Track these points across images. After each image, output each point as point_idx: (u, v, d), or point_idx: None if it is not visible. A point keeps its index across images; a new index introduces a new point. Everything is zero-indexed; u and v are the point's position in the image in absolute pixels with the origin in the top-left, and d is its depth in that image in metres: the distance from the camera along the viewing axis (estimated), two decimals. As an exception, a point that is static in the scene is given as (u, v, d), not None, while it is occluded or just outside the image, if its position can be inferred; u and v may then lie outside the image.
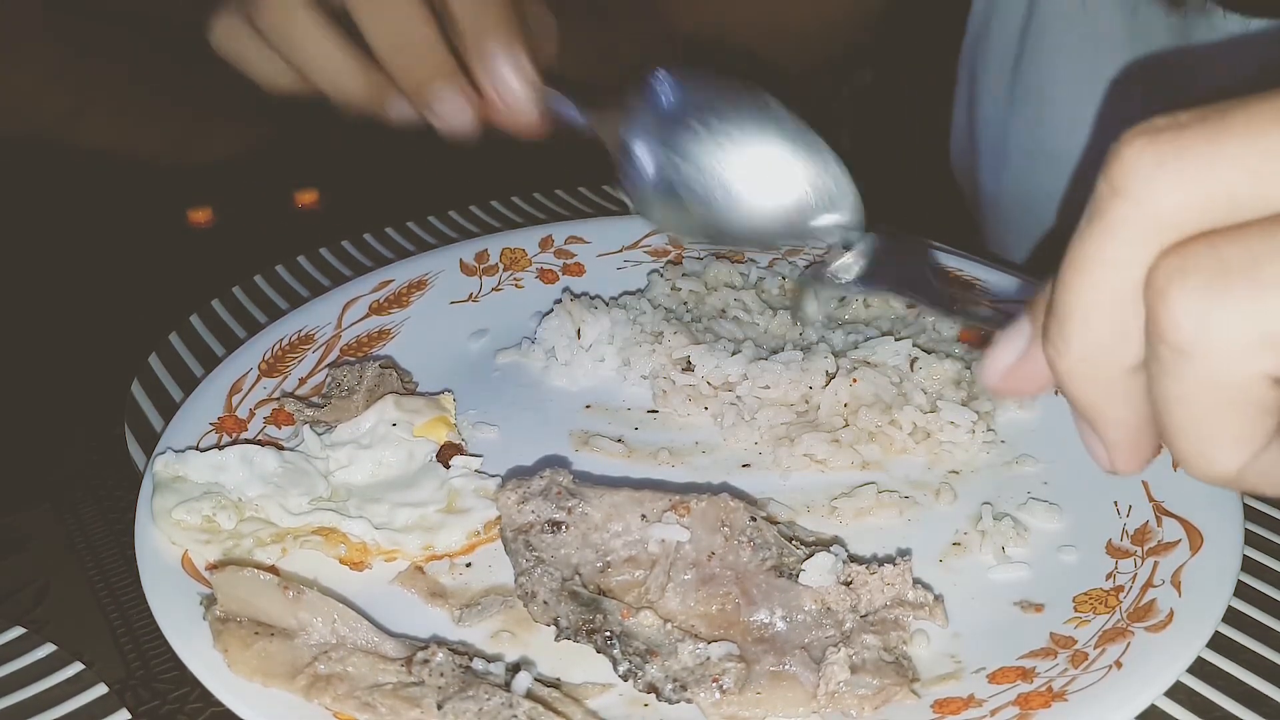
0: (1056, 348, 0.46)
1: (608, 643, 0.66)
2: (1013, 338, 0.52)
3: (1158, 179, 0.41)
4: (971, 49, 1.31)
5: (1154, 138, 0.42)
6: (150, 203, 1.38)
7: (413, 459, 0.83)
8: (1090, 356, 0.45)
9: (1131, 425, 0.47)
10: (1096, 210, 0.43)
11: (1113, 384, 0.46)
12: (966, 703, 0.63)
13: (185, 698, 0.69)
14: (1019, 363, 0.52)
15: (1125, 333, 0.44)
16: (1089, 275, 0.44)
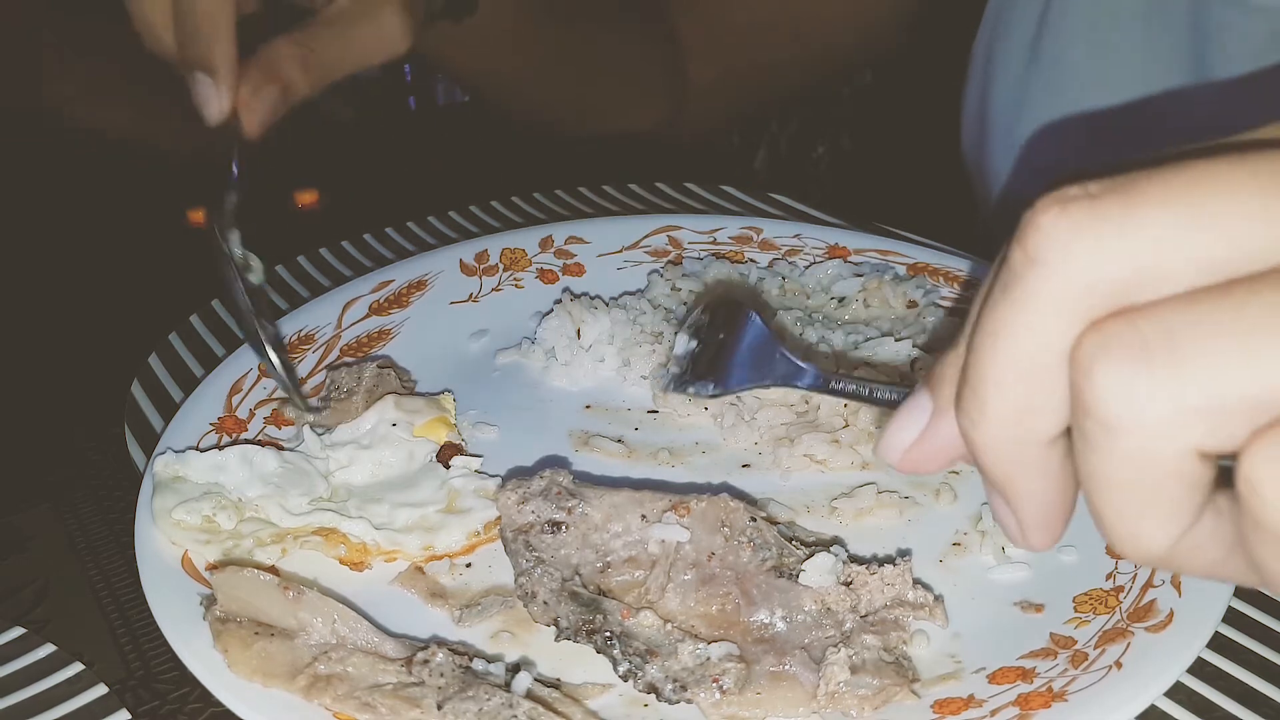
0: (971, 418, 0.45)
1: (608, 643, 0.66)
2: (912, 412, 0.50)
3: (1074, 248, 0.41)
4: (989, 33, 1.32)
5: (1066, 207, 0.41)
6: (150, 203, 1.38)
7: (413, 459, 0.83)
8: (1007, 427, 0.44)
9: (1047, 499, 0.46)
10: (1012, 277, 0.43)
11: (1029, 456, 0.45)
12: (966, 703, 0.63)
13: (185, 698, 0.69)
14: (920, 439, 0.50)
15: (1043, 403, 0.43)
16: (1005, 343, 0.43)
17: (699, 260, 1.05)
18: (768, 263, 1.06)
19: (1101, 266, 0.41)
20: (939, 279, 1.02)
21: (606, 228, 1.11)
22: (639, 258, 1.08)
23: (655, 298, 0.99)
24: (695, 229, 1.11)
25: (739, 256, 1.07)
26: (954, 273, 1.03)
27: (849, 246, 1.07)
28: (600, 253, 1.09)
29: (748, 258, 1.07)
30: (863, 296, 0.98)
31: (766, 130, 2.49)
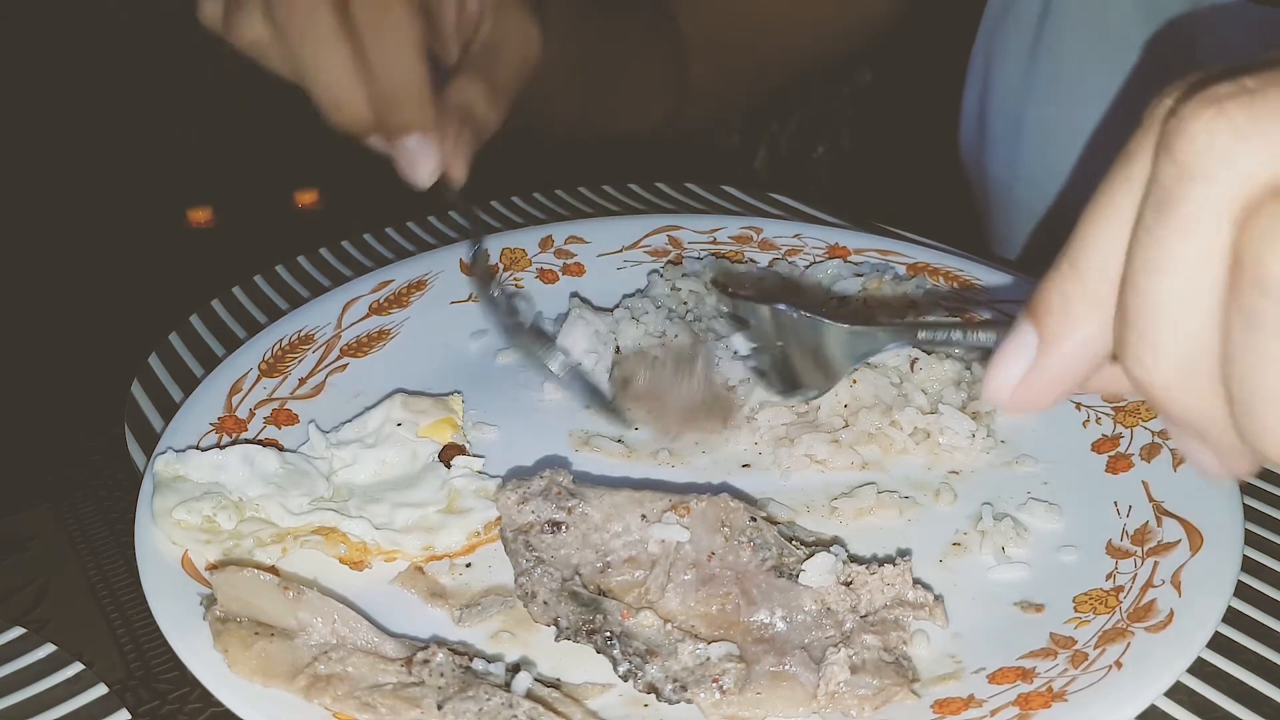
0: (1144, 363, 0.42)
1: (608, 643, 0.66)
2: (1017, 347, 0.47)
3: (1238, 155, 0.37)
4: (988, 34, 1.32)
5: (1222, 107, 0.38)
6: (150, 203, 1.39)
7: (416, 459, 0.83)
8: (1189, 365, 0.41)
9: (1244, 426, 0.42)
10: (1166, 196, 0.39)
11: (1217, 386, 0.41)
12: (966, 703, 0.63)
13: (185, 698, 0.69)
14: (1029, 375, 0.47)
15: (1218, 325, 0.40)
16: (1175, 277, 0.40)
17: (699, 260, 1.05)
18: (768, 263, 1.06)
19: (1273, 164, 0.37)
20: (939, 279, 1.02)
21: (606, 228, 1.11)
22: (639, 258, 1.08)
23: (656, 297, 0.99)
24: (695, 229, 1.11)
25: (739, 256, 1.07)
26: (954, 273, 1.03)
27: (849, 246, 1.07)
28: (600, 253, 1.09)
29: (748, 258, 1.07)
30: (863, 296, 0.98)
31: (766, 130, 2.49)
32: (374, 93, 0.79)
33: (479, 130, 0.84)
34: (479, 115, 0.83)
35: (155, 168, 1.53)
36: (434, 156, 0.81)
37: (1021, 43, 1.26)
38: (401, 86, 0.79)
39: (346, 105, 0.80)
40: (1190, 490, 0.76)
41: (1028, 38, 1.25)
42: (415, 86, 0.79)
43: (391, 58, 0.78)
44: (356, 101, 0.79)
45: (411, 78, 0.79)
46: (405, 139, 0.81)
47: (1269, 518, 0.79)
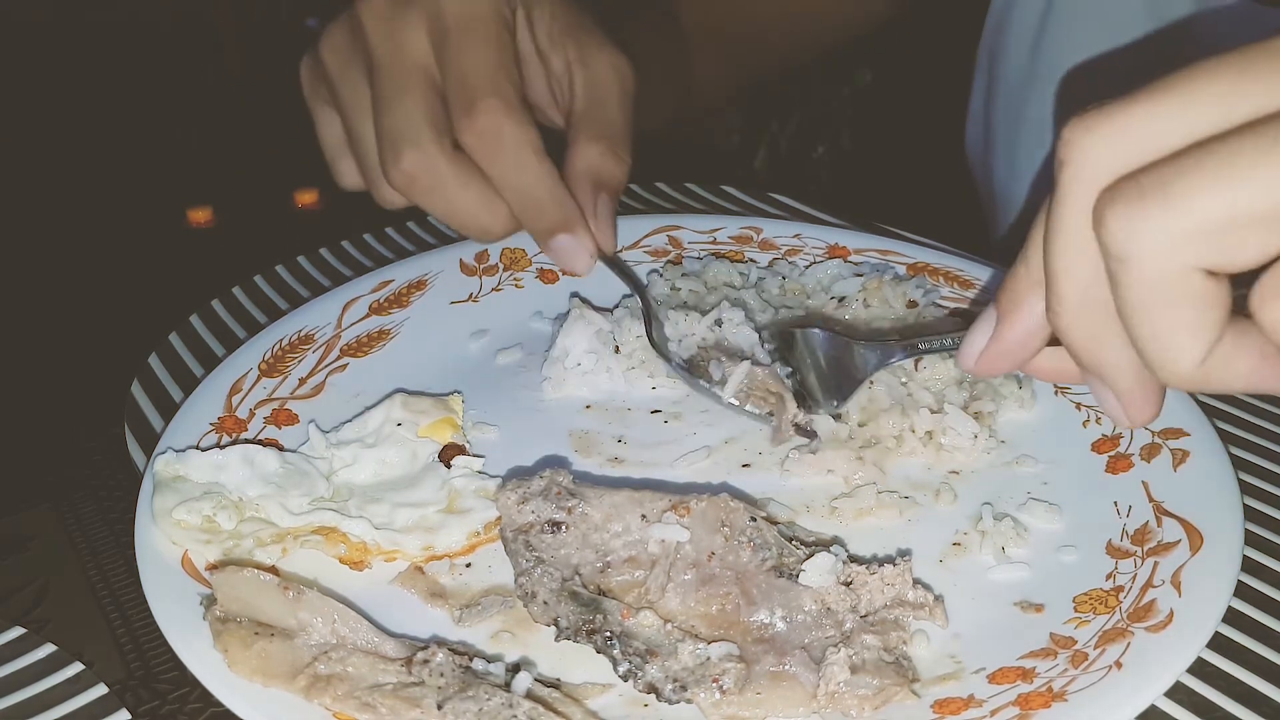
0: (1054, 310, 0.54)
1: (608, 643, 0.66)
2: (982, 323, 0.61)
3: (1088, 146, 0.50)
4: (993, 34, 1.32)
5: (1083, 118, 0.51)
6: (150, 203, 1.39)
7: (416, 459, 0.83)
8: (1080, 301, 0.53)
9: (1133, 368, 0.54)
10: (1054, 184, 0.52)
11: (1106, 324, 0.53)
12: (966, 703, 0.63)
13: (185, 698, 0.69)
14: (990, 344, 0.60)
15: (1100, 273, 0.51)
16: (1059, 236, 0.52)
17: (699, 260, 1.05)
18: (768, 263, 1.06)
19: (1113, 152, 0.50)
20: (939, 279, 1.02)
21: (606, 228, 1.11)
22: (639, 258, 1.08)
23: (656, 297, 0.99)
24: (695, 229, 1.11)
25: (739, 256, 1.07)
26: (954, 272, 1.03)
27: (849, 246, 1.07)
28: (600, 253, 1.09)
29: (748, 258, 1.07)
30: (863, 296, 0.98)
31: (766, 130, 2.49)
32: (514, 208, 0.81)
33: (614, 189, 0.84)
34: (608, 176, 0.83)
35: (155, 168, 1.53)
36: (587, 246, 0.83)
37: (1024, 40, 1.26)
38: (537, 195, 0.80)
39: (492, 229, 0.82)
40: (1190, 490, 0.76)
41: (1030, 35, 1.25)
42: (549, 190, 0.80)
43: (519, 174, 0.79)
44: (499, 224, 0.82)
45: (543, 184, 0.80)
46: (555, 240, 0.83)
47: (1269, 518, 0.79)
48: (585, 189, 0.83)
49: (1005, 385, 0.89)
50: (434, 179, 0.80)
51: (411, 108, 0.79)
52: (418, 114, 0.79)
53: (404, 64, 0.80)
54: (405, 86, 0.80)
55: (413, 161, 0.79)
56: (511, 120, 0.78)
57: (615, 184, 0.84)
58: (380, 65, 0.81)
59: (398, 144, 0.79)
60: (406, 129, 0.79)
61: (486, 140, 0.78)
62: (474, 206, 0.81)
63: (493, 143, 0.79)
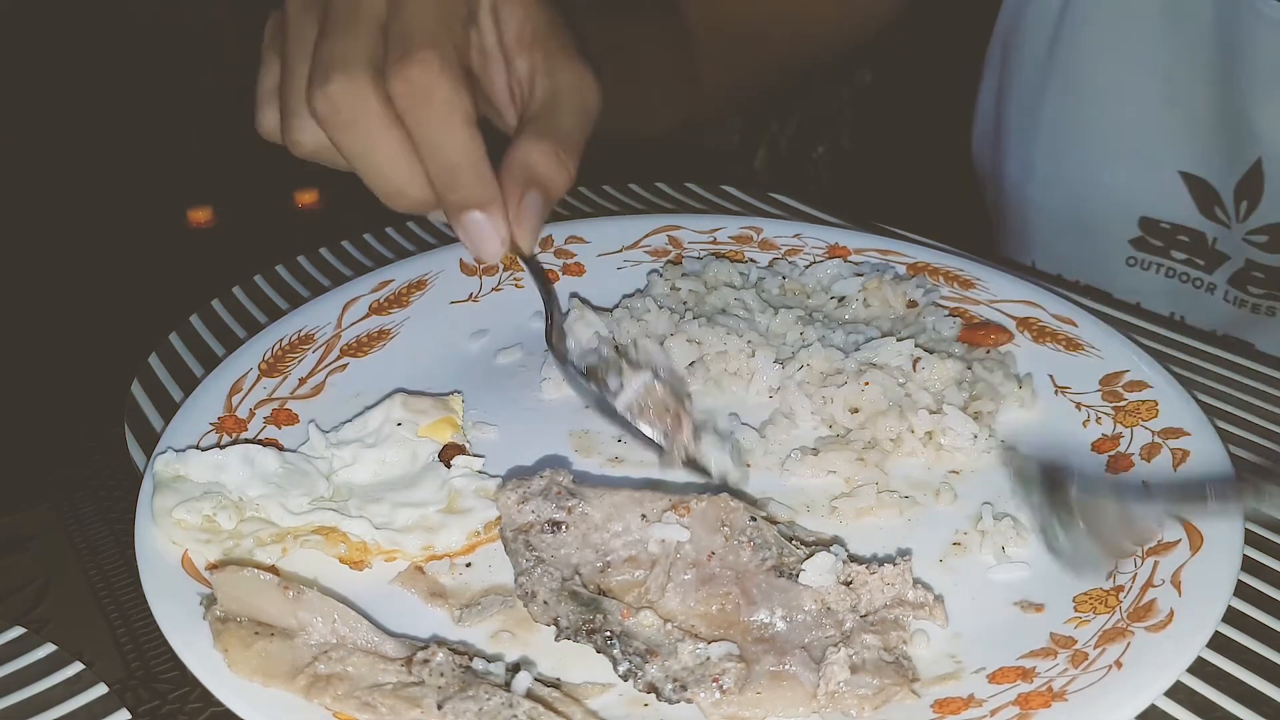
0: None
1: (608, 643, 0.66)
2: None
3: None
4: (1005, 33, 1.32)
5: None
6: (150, 203, 1.39)
7: (416, 459, 0.83)
8: None
9: None
10: None
11: None
12: (966, 703, 0.63)
13: (185, 698, 0.69)
14: None
15: None
16: None
17: (699, 260, 1.05)
18: (768, 263, 1.06)
19: None
20: (939, 279, 1.02)
21: (606, 228, 1.11)
22: (639, 257, 1.08)
23: (656, 297, 0.99)
24: (695, 229, 1.11)
25: (739, 256, 1.07)
26: (954, 272, 1.03)
27: (849, 246, 1.07)
28: (600, 252, 1.09)
29: (748, 258, 1.07)
30: (863, 296, 0.98)
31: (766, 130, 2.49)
32: (431, 173, 0.77)
33: (547, 192, 0.80)
34: (544, 177, 0.80)
35: (155, 168, 1.53)
36: (499, 230, 0.79)
37: (1040, 39, 1.25)
38: (457, 164, 0.77)
39: (405, 191, 0.78)
40: (1190, 490, 0.76)
41: (1047, 34, 1.24)
42: (471, 162, 0.77)
43: (443, 137, 0.76)
44: (414, 186, 0.78)
45: (466, 154, 0.77)
46: (468, 216, 0.78)
47: (1269, 517, 0.79)
48: (515, 178, 0.79)
49: (1005, 385, 0.89)
50: (357, 113, 0.75)
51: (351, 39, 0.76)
52: (356, 45, 0.76)
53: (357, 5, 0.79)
54: (350, 21, 0.77)
55: (340, 87, 0.75)
56: (446, 79, 0.75)
57: (551, 186, 0.81)
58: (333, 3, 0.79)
59: (329, 69, 0.75)
60: (341, 57, 0.76)
61: (415, 92, 0.75)
62: (392, 157, 0.77)
63: (422, 97, 0.75)
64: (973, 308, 0.99)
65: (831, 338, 0.93)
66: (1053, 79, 1.24)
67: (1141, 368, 0.88)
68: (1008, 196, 1.36)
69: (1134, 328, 0.99)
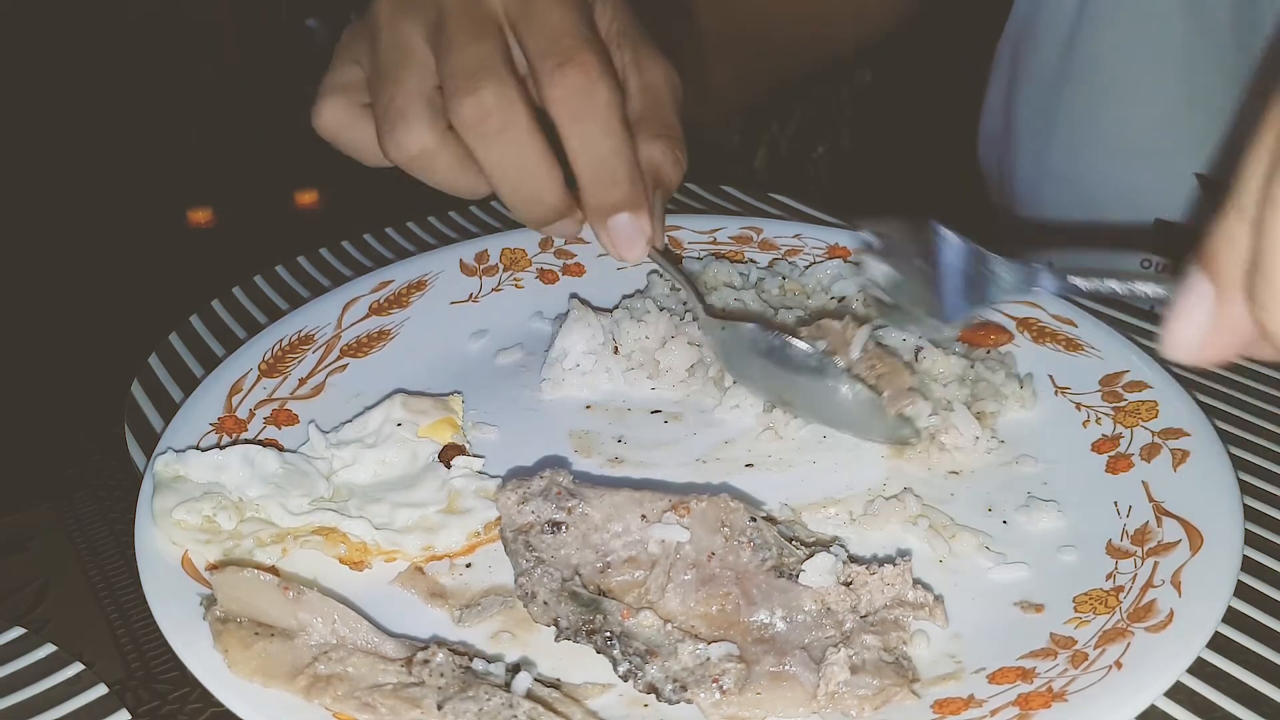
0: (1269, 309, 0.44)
1: (608, 643, 0.66)
2: (1196, 301, 0.49)
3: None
4: (1017, 31, 1.31)
5: None
6: (150, 203, 1.39)
7: (416, 459, 0.83)
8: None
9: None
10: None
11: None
12: (966, 703, 0.63)
13: (185, 698, 0.69)
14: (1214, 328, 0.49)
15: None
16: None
17: (698, 260, 1.05)
18: (768, 263, 1.06)
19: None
20: (939, 279, 1.02)
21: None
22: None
23: (656, 298, 0.99)
24: (695, 229, 1.11)
25: (739, 256, 1.07)
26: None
27: (849, 246, 1.07)
28: (600, 253, 1.08)
29: (748, 258, 1.07)
30: (862, 296, 0.98)
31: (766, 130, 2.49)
32: (585, 176, 0.76)
33: (668, 189, 0.80)
34: (666, 174, 0.80)
35: (155, 168, 1.53)
36: (645, 230, 0.79)
37: (1055, 38, 1.25)
38: (615, 166, 0.76)
39: (543, 198, 0.77)
40: (1190, 490, 0.76)
41: (1063, 33, 1.24)
42: (628, 163, 0.76)
43: (602, 139, 0.75)
44: (553, 193, 0.77)
45: (623, 156, 0.76)
46: (615, 218, 0.78)
47: (1269, 518, 0.79)
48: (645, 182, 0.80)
49: (1007, 385, 0.89)
50: (508, 119, 0.74)
51: (486, 46, 0.75)
52: (494, 52, 0.75)
53: (479, 10, 0.77)
54: (479, 28, 0.76)
55: (493, 94, 0.73)
56: (605, 81, 0.74)
57: (670, 184, 0.81)
58: (451, 12, 0.77)
59: (477, 77, 0.74)
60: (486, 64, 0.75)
61: (576, 97, 0.74)
62: (536, 163, 0.76)
63: (582, 101, 0.74)
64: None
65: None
66: (1069, 79, 1.24)
67: (1141, 368, 0.88)
68: (1018, 197, 1.36)
69: (1135, 329, 0.99)
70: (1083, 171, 1.25)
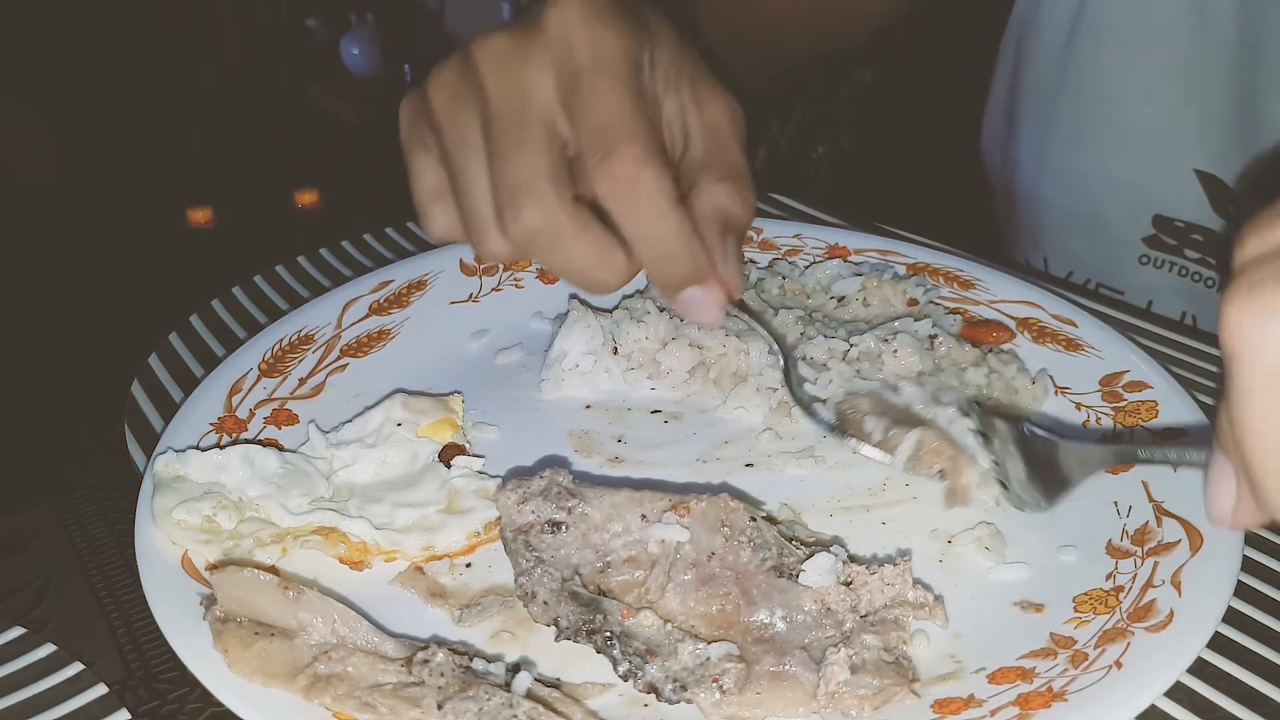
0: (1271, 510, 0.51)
1: (608, 643, 0.66)
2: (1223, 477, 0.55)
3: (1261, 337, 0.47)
4: (1019, 28, 1.31)
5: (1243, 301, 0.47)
6: (150, 203, 1.39)
7: (416, 459, 0.83)
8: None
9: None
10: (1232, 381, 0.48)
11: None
12: (966, 703, 0.63)
13: (185, 698, 0.69)
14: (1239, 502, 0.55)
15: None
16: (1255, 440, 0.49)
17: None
18: (768, 263, 1.06)
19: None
20: (939, 279, 1.02)
21: (606, 228, 1.11)
22: (639, 258, 1.08)
23: (656, 298, 0.99)
24: (695, 229, 1.11)
25: (739, 256, 1.07)
26: (954, 273, 1.03)
27: (849, 246, 1.07)
28: (600, 253, 1.08)
29: (748, 258, 1.07)
30: (863, 296, 0.98)
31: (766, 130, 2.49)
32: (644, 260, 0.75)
33: (740, 230, 0.79)
34: (736, 218, 0.78)
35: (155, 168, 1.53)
36: (718, 296, 0.77)
37: (1057, 33, 1.25)
38: (671, 250, 0.75)
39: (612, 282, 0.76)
40: (1190, 490, 0.76)
41: (1064, 28, 1.24)
42: (685, 243, 0.75)
43: (653, 226, 0.74)
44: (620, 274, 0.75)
45: (678, 237, 0.74)
46: (686, 294, 0.76)
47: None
48: (714, 232, 0.78)
49: (1019, 379, 0.89)
50: (555, 235, 0.76)
51: (534, 159, 0.75)
52: (540, 166, 0.75)
53: (525, 112, 0.76)
54: (527, 137, 0.75)
55: (534, 217, 0.74)
56: (651, 168, 0.74)
57: (741, 225, 0.79)
58: (498, 113, 0.76)
59: (518, 198, 0.74)
60: (528, 182, 0.74)
61: (623, 188, 0.73)
62: (593, 260, 0.75)
63: (630, 191, 0.73)
64: (973, 308, 0.99)
65: (833, 337, 0.92)
66: (1069, 74, 1.24)
67: (1141, 368, 0.88)
68: (1019, 193, 1.36)
69: (1135, 328, 0.99)
70: (1081, 166, 1.25)
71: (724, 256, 0.77)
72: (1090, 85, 1.23)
